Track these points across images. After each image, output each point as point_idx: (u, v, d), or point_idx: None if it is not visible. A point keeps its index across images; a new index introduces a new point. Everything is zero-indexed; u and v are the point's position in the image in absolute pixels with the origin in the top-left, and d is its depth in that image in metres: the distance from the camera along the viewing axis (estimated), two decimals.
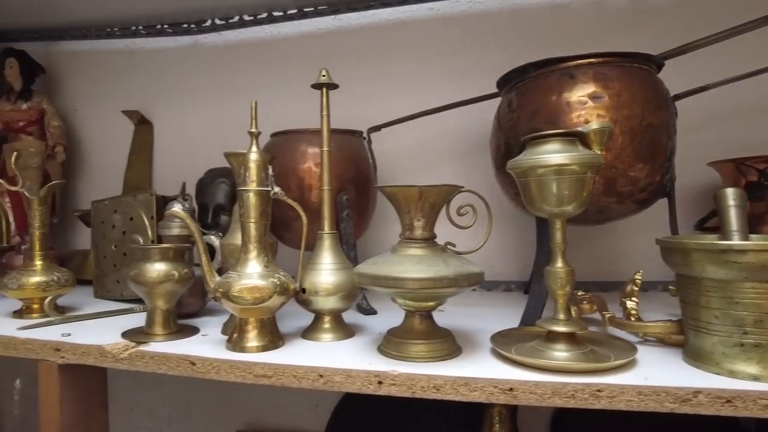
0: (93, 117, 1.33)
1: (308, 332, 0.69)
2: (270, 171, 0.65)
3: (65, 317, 0.75)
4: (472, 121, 1.07)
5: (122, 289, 0.90)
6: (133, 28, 1.23)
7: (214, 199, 0.97)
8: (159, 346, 0.64)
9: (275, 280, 0.62)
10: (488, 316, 0.79)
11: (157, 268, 0.67)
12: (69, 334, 0.68)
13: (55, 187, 0.82)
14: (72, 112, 1.33)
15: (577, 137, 0.58)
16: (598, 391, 0.51)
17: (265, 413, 1.19)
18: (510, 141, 0.78)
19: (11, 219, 1.17)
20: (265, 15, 1.15)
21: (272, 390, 0.86)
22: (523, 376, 0.53)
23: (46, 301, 0.74)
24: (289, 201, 0.66)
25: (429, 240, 0.61)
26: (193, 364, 0.60)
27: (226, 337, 0.67)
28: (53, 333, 0.69)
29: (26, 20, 1.27)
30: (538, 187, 0.58)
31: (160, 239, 0.86)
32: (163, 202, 0.90)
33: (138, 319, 0.79)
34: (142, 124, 1.26)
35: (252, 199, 0.63)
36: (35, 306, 0.79)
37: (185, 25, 1.20)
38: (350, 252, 0.85)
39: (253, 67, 1.20)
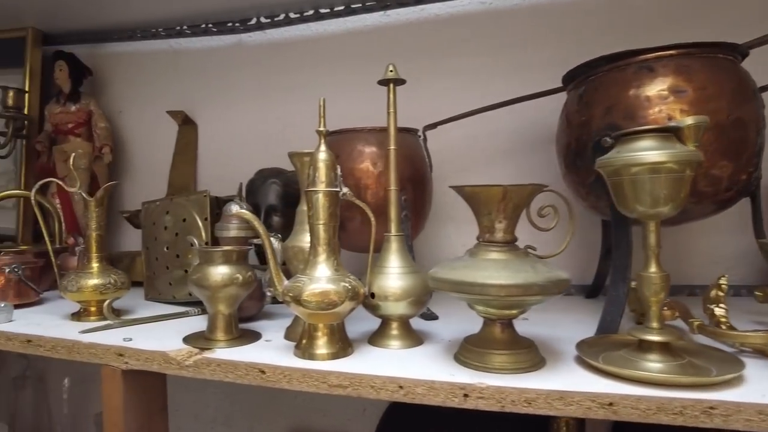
0: (137, 118, 1.31)
1: (375, 338, 0.65)
2: (338, 171, 0.62)
3: (123, 321, 0.73)
4: (523, 119, 1.02)
5: (174, 292, 0.88)
6: (178, 28, 1.22)
7: (266, 200, 0.94)
8: (224, 352, 0.61)
9: (346, 285, 0.58)
10: (556, 323, 0.74)
11: (221, 272, 0.64)
12: (130, 339, 0.65)
13: (110, 189, 0.79)
14: (117, 114, 1.32)
15: (672, 133, 0.53)
16: (711, 408, 0.46)
17: (312, 416, 1.16)
18: (582, 138, 0.73)
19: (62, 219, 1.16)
20: (311, 12, 1.12)
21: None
22: (621, 389, 0.49)
23: (105, 304, 0.72)
24: (358, 202, 0.62)
25: (511, 243, 0.56)
26: (263, 372, 0.57)
27: (292, 343, 0.64)
28: (114, 337, 0.67)
29: (73, 23, 1.26)
30: (631, 187, 0.53)
31: (215, 241, 0.83)
32: (216, 203, 0.87)
33: (195, 323, 0.76)
34: (186, 125, 1.24)
35: (321, 200, 0.60)
36: (92, 309, 0.77)
37: (230, 24, 1.18)
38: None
39: (298, 66, 1.17)
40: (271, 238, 0.76)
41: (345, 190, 0.61)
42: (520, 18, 1.04)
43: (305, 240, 0.67)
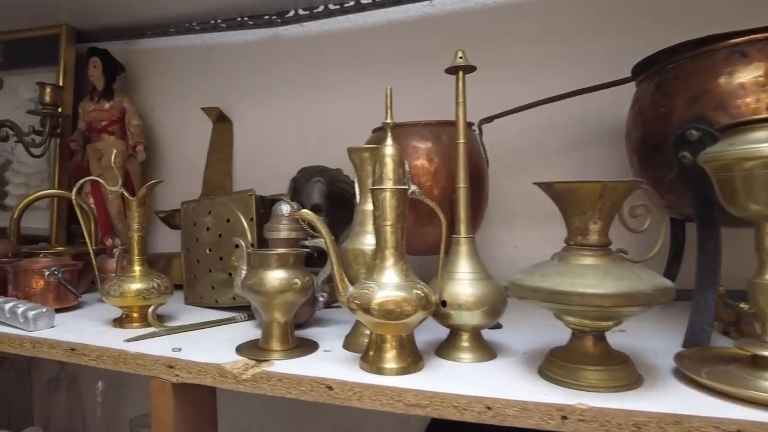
0: (170, 115, 1.27)
1: (444, 350, 0.59)
2: (407, 167, 0.56)
3: (169, 328, 0.68)
4: (577, 113, 0.95)
5: (217, 296, 0.83)
6: (213, 22, 1.17)
7: (311, 199, 0.89)
8: (284, 365, 0.56)
9: (419, 292, 0.52)
10: (634, 333, 0.67)
11: (278, 276, 0.59)
12: (179, 349, 0.60)
13: (152, 187, 0.75)
14: (149, 111, 1.27)
15: None
16: None
17: (348, 427, 1.11)
18: (660, 131, 0.66)
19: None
20: (352, 3, 1.06)
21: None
22: (747, 414, 0.42)
23: (150, 310, 0.67)
24: (428, 201, 0.56)
25: (605, 247, 0.50)
26: (330, 388, 0.51)
27: (354, 355, 0.59)
28: (161, 346, 0.62)
29: (106, 20, 1.22)
30: (744, 183, 0.47)
31: (261, 243, 0.78)
32: (262, 202, 0.82)
33: (243, 330, 0.71)
34: (221, 122, 1.20)
35: (389, 199, 0.54)
36: (134, 315, 0.72)
37: (267, 17, 1.13)
38: None
39: (337, 60, 1.11)
40: (322, 240, 0.70)
41: (414, 187, 0.56)
42: (572, 5, 0.97)
43: (366, 242, 0.61)
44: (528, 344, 0.63)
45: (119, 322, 0.72)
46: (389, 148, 0.55)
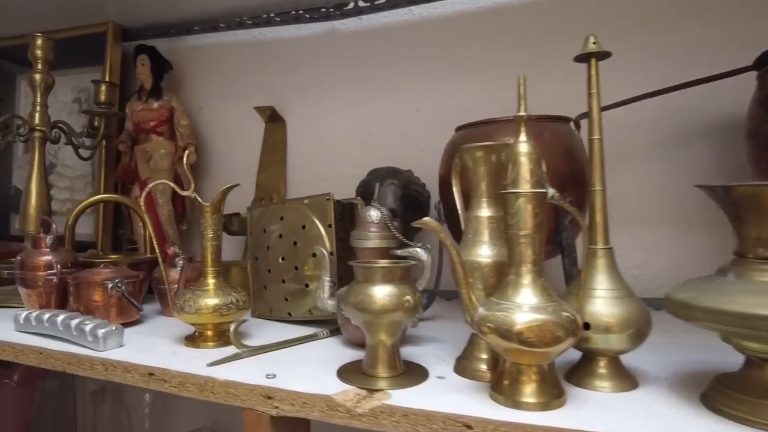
0: (218, 115, 1.19)
1: (578, 377, 0.51)
2: (543, 167, 0.48)
3: (252, 349, 0.60)
4: (670, 107, 0.86)
5: (291, 308, 0.75)
6: (266, 16, 1.09)
7: (385, 203, 0.80)
8: (402, 396, 0.47)
9: (568, 315, 0.44)
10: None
11: (388, 293, 0.51)
12: (274, 376, 0.52)
13: (228, 192, 0.67)
14: (196, 111, 1.20)
15: None
16: None
17: None
18: None
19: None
20: None
21: None
22: None
23: (231, 329, 0.59)
24: (568, 207, 0.48)
25: None
26: (469, 427, 0.43)
27: (475, 384, 0.50)
28: (251, 371, 0.54)
29: (151, 16, 1.15)
30: None
31: (347, 252, 0.70)
32: (340, 207, 0.74)
33: (329, 348, 0.63)
34: (274, 122, 1.12)
35: (526, 204, 0.46)
36: (209, 333, 0.64)
37: (324, 10, 1.05)
38: (572, 268, 0.67)
39: (399, 55, 1.03)
40: (417, 249, 0.62)
41: (551, 191, 0.47)
42: None
43: (482, 253, 0.53)
44: (666, 368, 0.54)
45: (193, 341, 0.64)
46: (524, 145, 0.47)
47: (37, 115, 0.90)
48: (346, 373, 0.54)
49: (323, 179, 1.09)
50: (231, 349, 0.61)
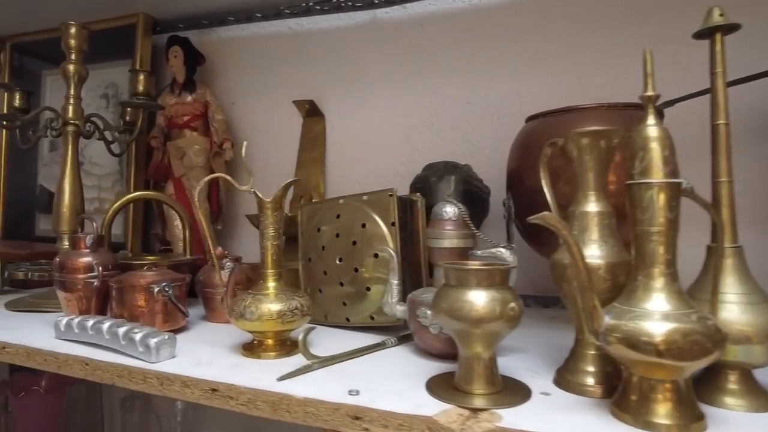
0: (252, 110, 1.13)
1: (701, 392, 0.44)
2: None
3: (323, 360, 0.54)
4: (750, 99, 0.79)
5: (349, 313, 0.68)
6: (305, 5, 1.03)
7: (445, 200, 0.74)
8: (513, 417, 0.41)
9: (714, 324, 0.37)
10: None
11: (489, 299, 0.44)
12: (357, 392, 0.46)
13: (288, 187, 0.60)
14: (229, 106, 1.14)
15: None
16: None
17: None
18: None
19: (180, 226, 0.98)
20: None
21: None
22: None
23: (301, 338, 0.52)
24: (701, 200, 0.41)
25: None
26: None
27: (585, 400, 0.44)
28: (330, 387, 0.47)
29: (183, 7, 1.09)
30: None
31: (410, 251, 0.64)
32: (402, 204, 0.68)
33: (402, 359, 0.57)
34: (312, 116, 1.06)
35: (657, 197, 0.39)
36: (269, 341, 0.58)
37: None
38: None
39: (447, 45, 0.96)
40: (500, 249, 0.56)
41: (685, 181, 0.41)
42: None
43: (591, 254, 0.46)
44: None
45: (252, 351, 0.58)
46: (655, 129, 0.40)
47: (70, 107, 0.84)
48: (437, 388, 0.47)
49: (365, 176, 1.02)
50: (296, 360, 0.55)
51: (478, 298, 0.44)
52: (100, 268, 0.66)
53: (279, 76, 1.11)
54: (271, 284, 0.58)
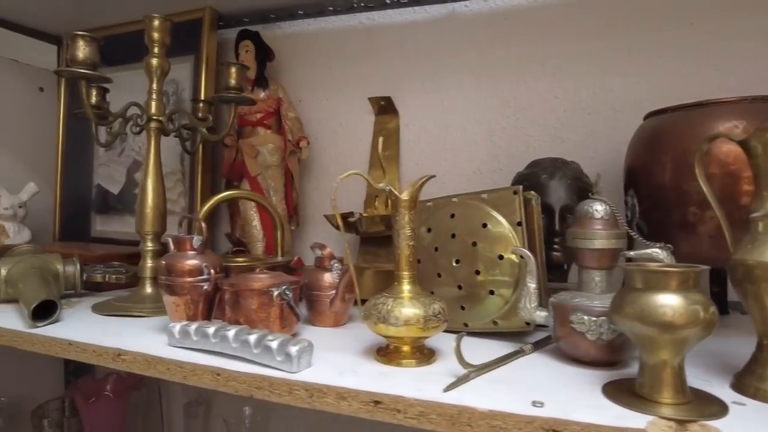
0: (319, 108, 1.10)
1: None
2: None
3: (478, 368, 0.50)
4: None
5: (468, 318, 0.65)
6: None
7: (560, 199, 0.71)
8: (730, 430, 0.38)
9: None
10: None
11: (683, 303, 0.41)
12: (542, 404, 0.42)
13: (425, 183, 0.57)
14: (296, 103, 1.10)
15: None
16: None
17: None
18: None
19: (259, 227, 0.95)
20: None
21: None
22: None
23: (456, 344, 0.49)
24: None
25: None
26: None
27: None
28: (498, 397, 0.44)
29: (249, 1, 1.06)
30: None
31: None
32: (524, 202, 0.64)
33: (547, 366, 0.53)
34: (385, 114, 1.02)
35: None
36: (406, 348, 0.55)
37: None
38: None
39: (532, 38, 0.93)
40: (656, 249, 0.53)
41: None
42: None
43: None
44: None
45: (390, 358, 0.54)
46: None
47: (153, 103, 0.80)
48: (619, 396, 0.44)
49: (443, 174, 0.99)
50: (438, 368, 0.52)
51: (676, 302, 0.41)
52: (212, 271, 0.62)
53: (348, 72, 1.07)
54: (407, 287, 0.55)
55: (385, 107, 1.01)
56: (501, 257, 0.63)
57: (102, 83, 0.80)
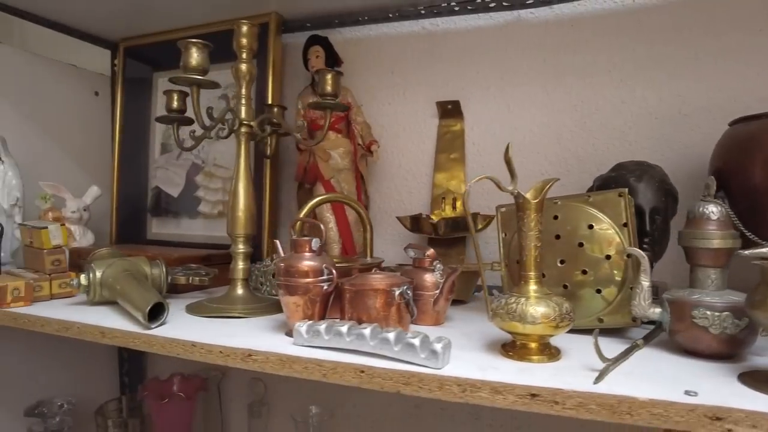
0: (382, 113, 1.12)
1: None
2: None
3: (614, 361, 0.53)
4: None
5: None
6: (444, 4, 1.02)
7: (649, 201, 0.74)
8: None
9: None
10: None
11: None
12: (695, 393, 0.46)
13: (551, 186, 0.60)
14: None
15: None
16: None
17: None
18: None
19: (335, 228, 0.97)
20: None
21: None
22: None
23: (594, 341, 0.52)
24: None
25: None
26: None
27: None
28: (643, 387, 0.47)
29: (314, 6, 1.08)
30: None
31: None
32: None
33: (665, 359, 0.57)
34: (450, 117, 1.05)
35: None
36: (533, 345, 0.57)
37: None
38: None
39: (599, 45, 0.96)
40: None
41: None
42: None
43: None
44: None
45: (520, 354, 0.57)
46: None
47: (243, 108, 0.82)
48: (759, 384, 0.47)
49: (508, 177, 1.02)
50: (563, 363, 0.56)
51: None
52: (333, 271, 0.65)
53: (410, 77, 1.10)
54: (533, 287, 0.58)
55: (450, 111, 1.04)
56: (608, 257, 0.66)
57: (212, 88, 0.81)
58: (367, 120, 1.11)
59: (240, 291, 0.82)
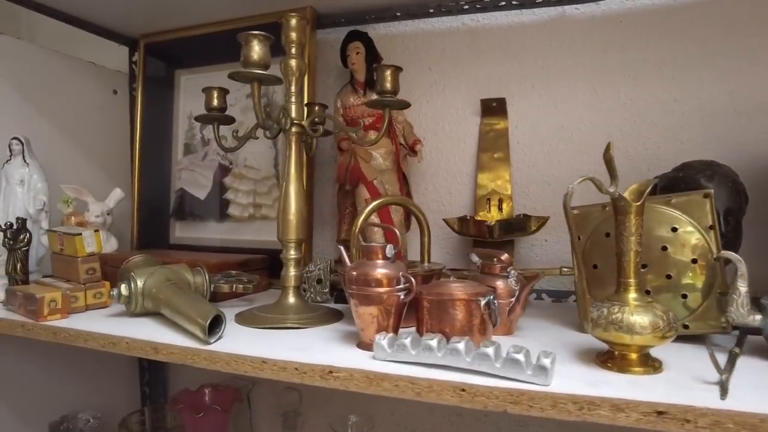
0: (419, 110, 1.07)
1: None
2: None
3: (727, 371, 0.50)
4: None
5: None
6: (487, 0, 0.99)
7: (723, 202, 0.72)
8: None
9: None
10: None
11: None
12: None
13: (651, 187, 0.56)
14: None
15: None
16: None
17: None
18: None
19: (382, 232, 0.93)
20: None
21: None
22: None
23: (710, 351, 0.49)
24: None
25: None
26: None
27: None
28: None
29: (345, 1, 1.03)
30: None
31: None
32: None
33: (756, 372, 0.54)
34: (493, 116, 1.02)
35: None
36: (632, 356, 0.54)
37: None
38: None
39: (648, 41, 0.93)
40: None
41: None
42: None
43: None
44: None
45: (621, 366, 0.54)
46: None
47: (293, 106, 0.78)
48: None
49: (555, 177, 0.99)
50: (677, 375, 0.52)
51: None
52: (413, 280, 0.61)
53: (449, 74, 1.06)
54: (632, 295, 0.55)
55: (494, 108, 1.01)
56: (694, 261, 0.63)
57: (275, 84, 0.76)
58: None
59: (292, 299, 0.78)
